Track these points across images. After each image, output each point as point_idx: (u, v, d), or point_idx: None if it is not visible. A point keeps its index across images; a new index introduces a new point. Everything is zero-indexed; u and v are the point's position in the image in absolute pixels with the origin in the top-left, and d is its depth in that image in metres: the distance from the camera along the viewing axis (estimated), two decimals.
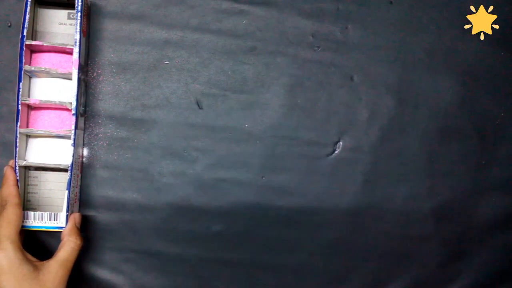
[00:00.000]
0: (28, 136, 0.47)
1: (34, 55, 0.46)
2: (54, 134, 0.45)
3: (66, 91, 0.47)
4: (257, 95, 0.51)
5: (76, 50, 0.44)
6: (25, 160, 0.45)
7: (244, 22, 0.51)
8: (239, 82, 0.51)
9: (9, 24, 0.48)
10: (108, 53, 0.49)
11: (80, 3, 0.44)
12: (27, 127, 0.46)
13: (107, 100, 0.50)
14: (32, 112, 0.47)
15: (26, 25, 0.44)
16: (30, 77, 0.47)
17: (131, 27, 0.50)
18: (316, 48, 0.52)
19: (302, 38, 0.52)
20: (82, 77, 0.46)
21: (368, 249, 0.53)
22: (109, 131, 0.50)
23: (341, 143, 0.52)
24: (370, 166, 0.52)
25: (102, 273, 0.50)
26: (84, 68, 0.48)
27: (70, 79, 0.46)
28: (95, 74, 0.50)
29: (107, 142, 0.50)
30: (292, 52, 0.51)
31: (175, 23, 0.50)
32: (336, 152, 0.52)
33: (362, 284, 0.53)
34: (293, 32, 0.52)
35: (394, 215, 0.53)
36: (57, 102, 0.45)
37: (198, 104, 0.51)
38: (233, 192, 0.51)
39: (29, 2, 0.44)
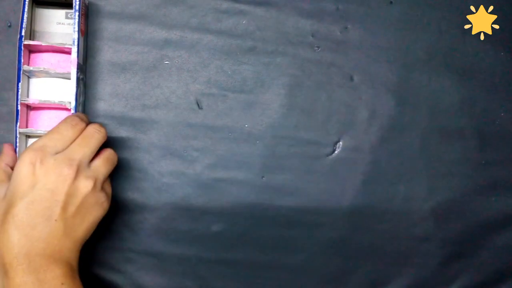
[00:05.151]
0: (28, 136, 0.47)
1: (33, 55, 0.46)
2: None
3: (65, 90, 0.47)
4: (257, 95, 0.51)
5: (74, 49, 0.44)
6: None
7: (244, 22, 0.51)
8: (239, 82, 0.51)
9: (9, 24, 0.48)
10: (108, 53, 0.49)
11: (78, 2, 0.44)
12: (27, 127, 0.46)
13: (107, 100, 0.50)
14: (32, 112, 0.47)
15: (24, 25, 0.44)
16: (29, 77, 0.46)
17: (131, 27, 0.50)
18: (316, 48, 0.52)
19: (302, 38, 0.52)
20: (81, 76, 0.46)
21: (368, 249, 0.53)
22: (108, 131, 0.50)
23: (341, 143, 0.52)
24: (370, 166, 0.52)
25: (102, 273, 0.50)
26: (83, 67, 0.48)
27: (69, 78, 0.46)
28: (94, 74, 0.50)
29: (107, 142, 0.50)
30: (292, 52, 0.51)
31: (175, 23, 0.50)
32: (336, 152, 0.52)
33: (362, 284, 0.53)
34: (293, 32, 0.51)
35: (394, 215, 0.53)
36: (56, 101, 0.45)
37: (198, 104, 0.51)
38: (233, 192, 0.51)
39: (26, 2, 0.44)
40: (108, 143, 0.49)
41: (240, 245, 0.51)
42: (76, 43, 0.44)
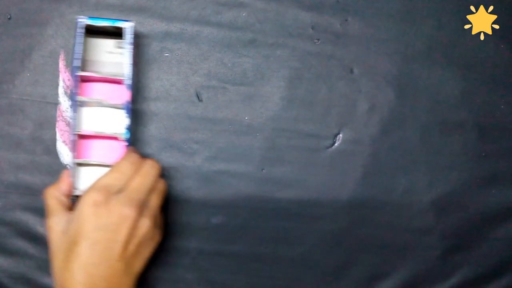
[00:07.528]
0: (79, 165, 0.46)
1: (84, 84, 0.47)
2: (106, 164, 0.46)
3: (115, 119, 0.47)
4: (257, 87, 0.51)
5: (129, 83, 0.45)
6: (77, 189, 0.45)
7: (243, 14, 0.51)
8: (239, 75, 0.51)
9: (8, 17, 0.48)
10: None
11: (130, 35, 0.45)
12: (79, 156, 0.46)
13: None
14: (82, 141, 0.47)
15: (78, 56, 0.44)
16: (80, 106, 0.46)
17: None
18: (316, 41, 0.52)
19: (302, 30, 0.52)
20: (132, 106, 0.47)
21: (368, 242, 0.53)
22: None
23: (341, 135, 0.52)
24: (370, 158, 0.52)
25: None
26: (134, 97, 0.48)
27: (118, 107, 0.46)
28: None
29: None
30: (292, 45, 0.51)
31: (175, 16, 0.50)
32: (336, 144, 0.52)
33: (362, 276, 0.53)
34: (292, 24, 0.51)
35: (394, 207, 0.53)
36: (110, 133, 0.46)
37: (198, 97, 0.51)
38: (233, 185, 0.51)
39: (81, 33, 0.44)
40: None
41: (240, 237, 0.51)
42: (130, 76, 0.45)
